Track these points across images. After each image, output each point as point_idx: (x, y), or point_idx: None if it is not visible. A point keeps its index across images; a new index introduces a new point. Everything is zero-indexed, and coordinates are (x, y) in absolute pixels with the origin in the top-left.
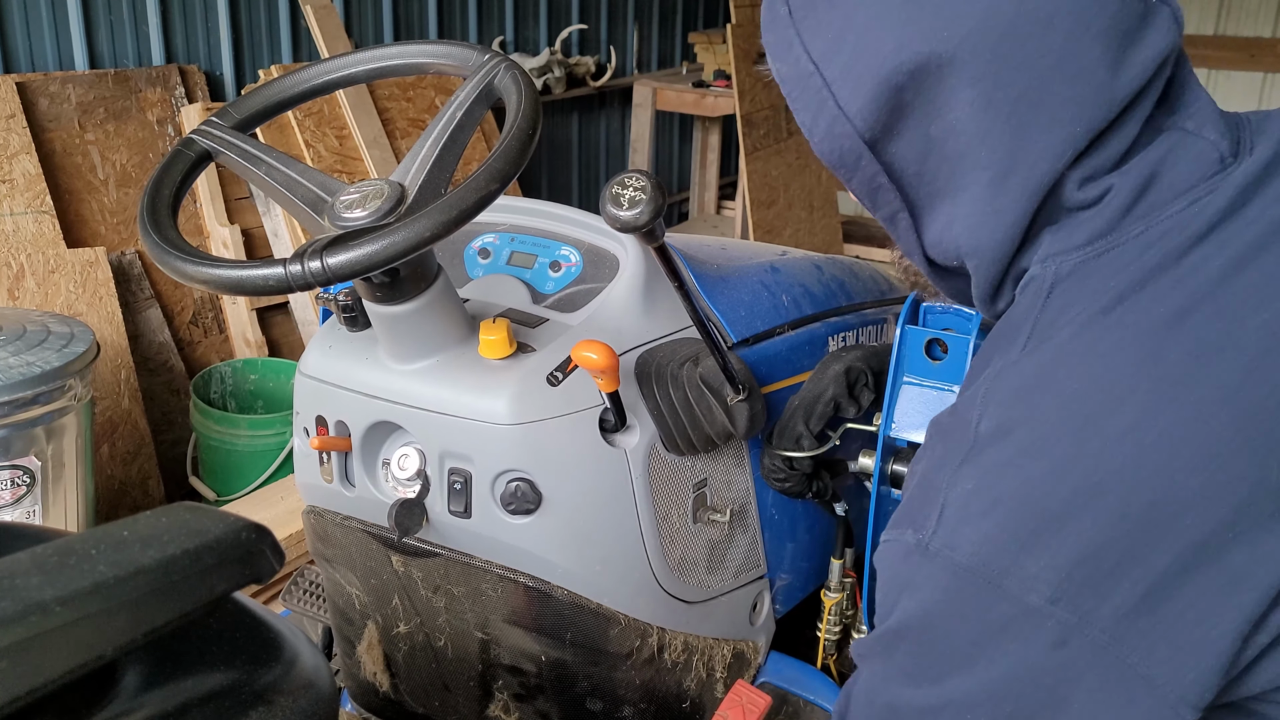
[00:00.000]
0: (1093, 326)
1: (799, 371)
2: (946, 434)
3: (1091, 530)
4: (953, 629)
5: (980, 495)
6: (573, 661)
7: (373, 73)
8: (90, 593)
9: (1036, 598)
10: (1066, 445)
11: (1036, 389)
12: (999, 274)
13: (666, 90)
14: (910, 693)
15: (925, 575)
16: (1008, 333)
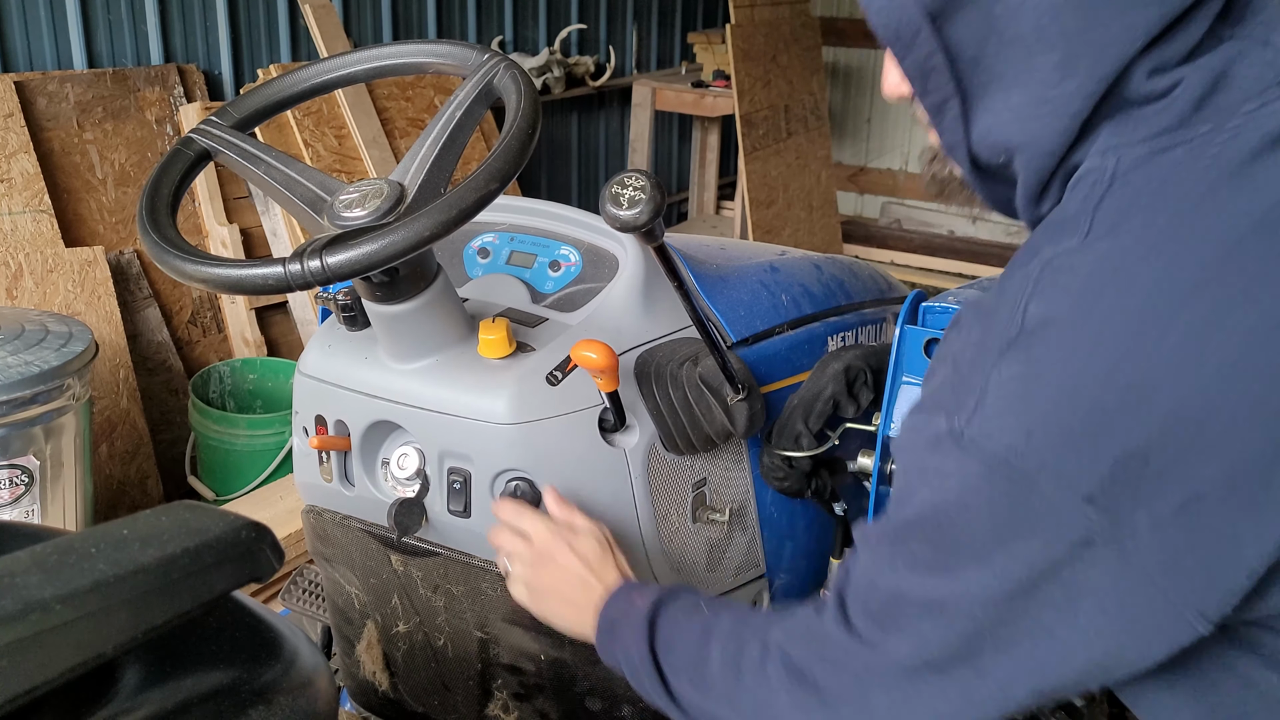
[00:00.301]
0: (1166, 220)
1: (798, 371)
2: (988, 317)
3: (1141, 432)
4: (975, 522)
5: (1026, 384)
6: (572, 661)
7: (372, 72)
8: (90, 591)
9: (1071, 496)
10: (1127, 339)
11: (1098, 278)
12: (1050, 170)
13: (666, 90)
14: (919, 581)
15: (954, 464)
16: (1058, 225)
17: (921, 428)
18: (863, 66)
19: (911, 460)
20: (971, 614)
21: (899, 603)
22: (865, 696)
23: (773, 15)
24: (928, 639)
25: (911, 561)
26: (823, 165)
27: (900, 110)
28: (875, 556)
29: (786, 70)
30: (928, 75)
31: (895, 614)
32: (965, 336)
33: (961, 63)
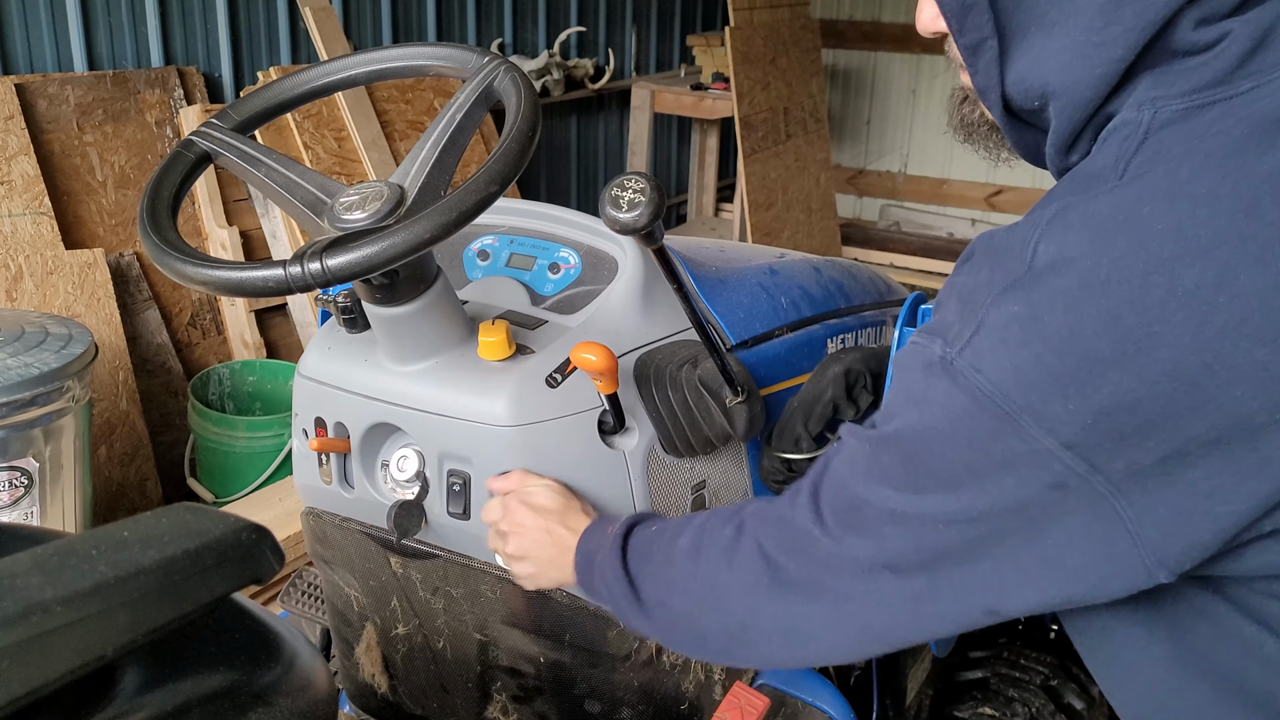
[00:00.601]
0: (1188, 169)
1: (798, 373)
2: (997, 253)
3: (1133, 383)
4: (951, 452)
5: (1023, 323)
6: (571, 663)
7: (372, 74)
8: (91, 593)
9: (1051, 441)
10: (1132, 287)
11: (1112, 223)
12: (1085, 119)
13: (665, 93)
14: (885, 493)
15: (940, 391)
16: (1084, 178)
17: (920, 349)
18: (862, 69)
19: (903, 379)
20: (936, 532)
21: (864, 508)
22: (822, 585)
23: (772, 18)
24: (889, 543)
25: (883, 475)
26: (822, 168)
27: (899, 113)
28: (852, 459)
29: (785, 73)
30: (966, 13)
31: (863, 517)
32: (974, 270)
33: (1002, 1)
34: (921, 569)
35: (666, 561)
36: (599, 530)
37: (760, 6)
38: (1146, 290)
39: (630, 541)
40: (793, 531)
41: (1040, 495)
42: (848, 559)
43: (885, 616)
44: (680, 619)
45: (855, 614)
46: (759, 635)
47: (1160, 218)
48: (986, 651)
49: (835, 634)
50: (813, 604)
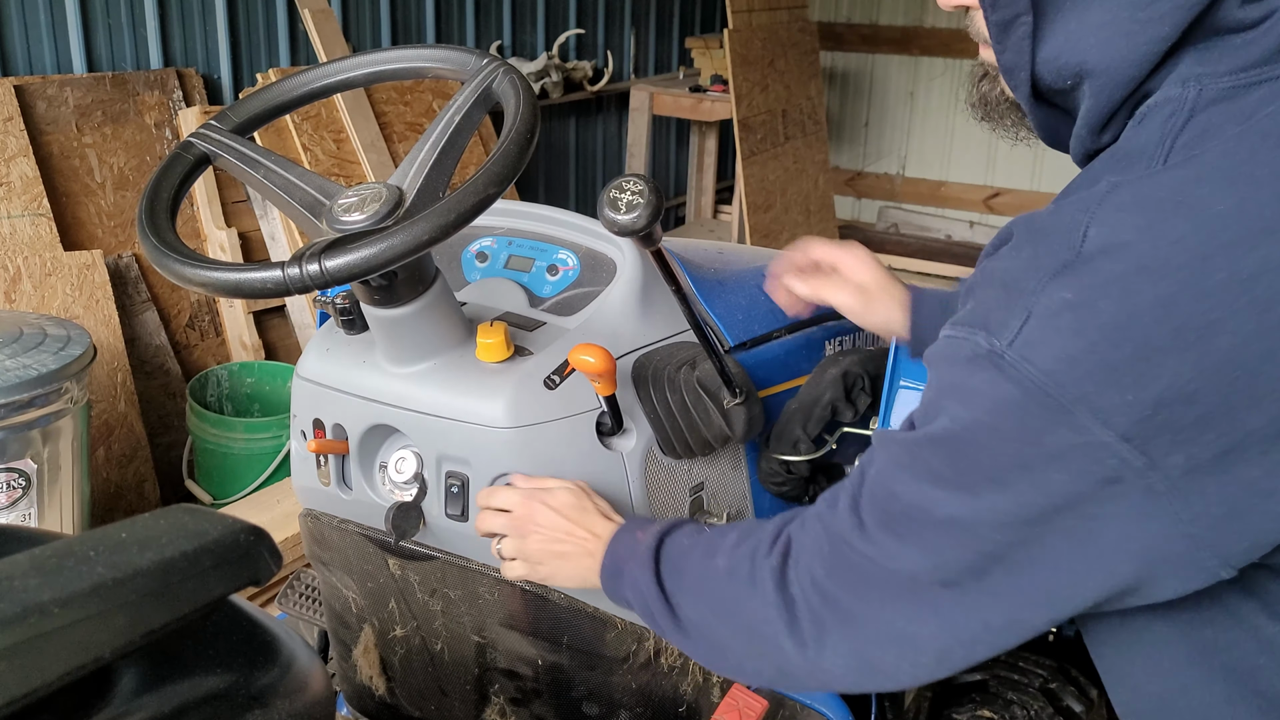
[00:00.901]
0: (1249, 151)
1: (796, 375)
2: (1042, 236)
3: (1191, 373)
4: (1002, 446)
5: (1076, 310)
6: (569, 665)
7: (371, 77)
8: (89, 595)
9: (1107, 433)
10: (1191, 272)
11: (1169, 205)
12: (1122, 98)
13: (663, 95)
14: (936, 495)
15: (989, 384)
16: (1127, 155)
17: (960, 343)
18: (860, 71)
19: (945, 375)
20: (988, 536)
21: (916, 514)
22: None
23: (770, 20)
24: (943, 553)
25: (932, 476)
26: (820, 170)
27: (897, 115)
28: (895, 464)
29: (784, 75)
30: None
31: (912, 525)
32: (1014, 255)
33: None
34: (975, 578)
35: (704, 583)
36: (628, 536)
37: (759, 9)
38: (1206, 275)
39: (663, 554)
40: (837, 549)
41: (1094, 491)
42: (900, 574)
43: (946, 636)
44: (725, 649)
45: (915, 637)
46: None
47: (1220, 199)
48: None
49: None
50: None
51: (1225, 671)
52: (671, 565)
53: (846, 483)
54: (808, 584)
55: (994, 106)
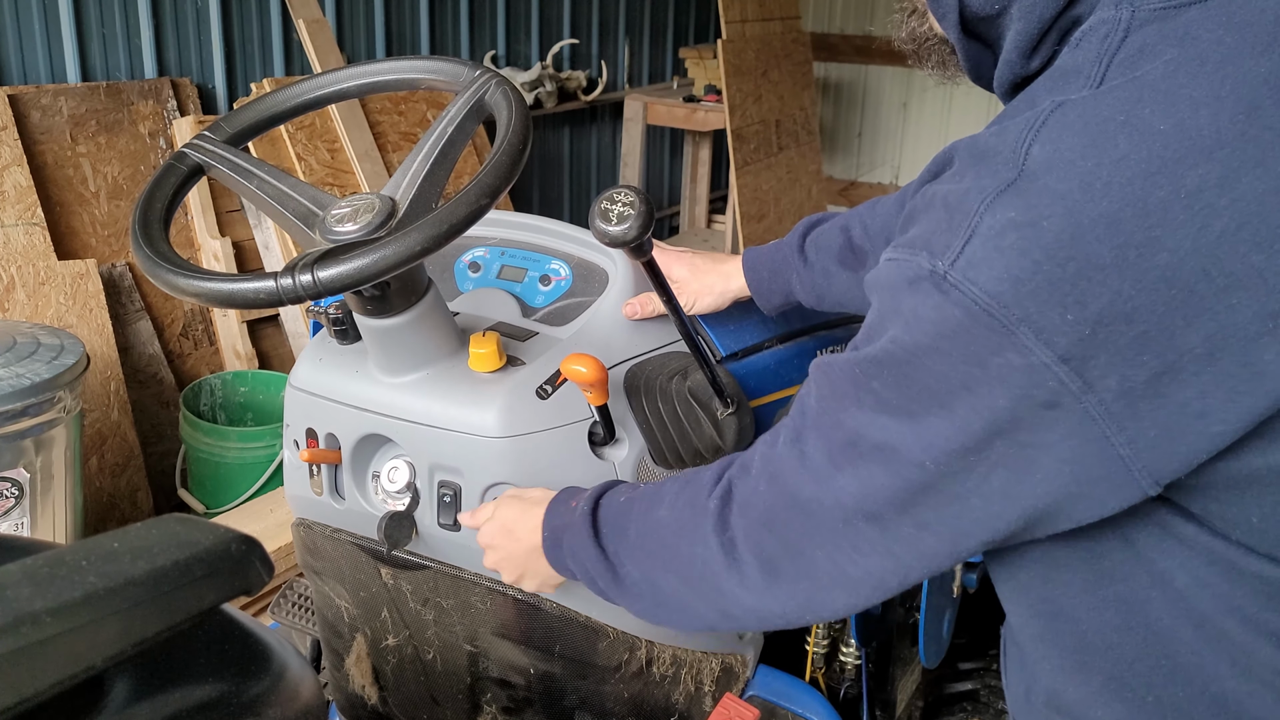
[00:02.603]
0: (1188, 71)
1: (787, 385)
2: (984, 157)
3: (1131, 290)
4: (945, 367)
5: (1020, 230)
6: (561, 674)
7: (365, 88)
8: (81, 604)
9: (1048, 354)
10: (1135, 189)
11: (1114, 124)
12: (1051, 18)
13: (657, 105)
14: (879, 421)
15: (931, 305)
16: (1064, 75)
17: (902, 265)
18: (854, 81)
19: (886, 298)
20: (922, 464)
21: (859, 442)
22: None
23: (764, 31)
24: (882, 483)
25: (875, 400)
26: (814, 179)
27: (890, 125)
28: (835, 393)
29: (777, 85)
30: None
31: (851, 453)
32: (958, 178)
33: None
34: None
35: (646, 536)
36: (562, 504)
37: (752, 19)
38: (1149, 192)
39: (600, 514)
40: (778, 492)
41: (1032, 417)
42: (840, 509)
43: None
44: (668, 598)
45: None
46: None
47: (1161, 119)
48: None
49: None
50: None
51: (1117, 601)
52: (610, 525)
53: (786, 419)
54: (748, 525)
55: (923, 44)
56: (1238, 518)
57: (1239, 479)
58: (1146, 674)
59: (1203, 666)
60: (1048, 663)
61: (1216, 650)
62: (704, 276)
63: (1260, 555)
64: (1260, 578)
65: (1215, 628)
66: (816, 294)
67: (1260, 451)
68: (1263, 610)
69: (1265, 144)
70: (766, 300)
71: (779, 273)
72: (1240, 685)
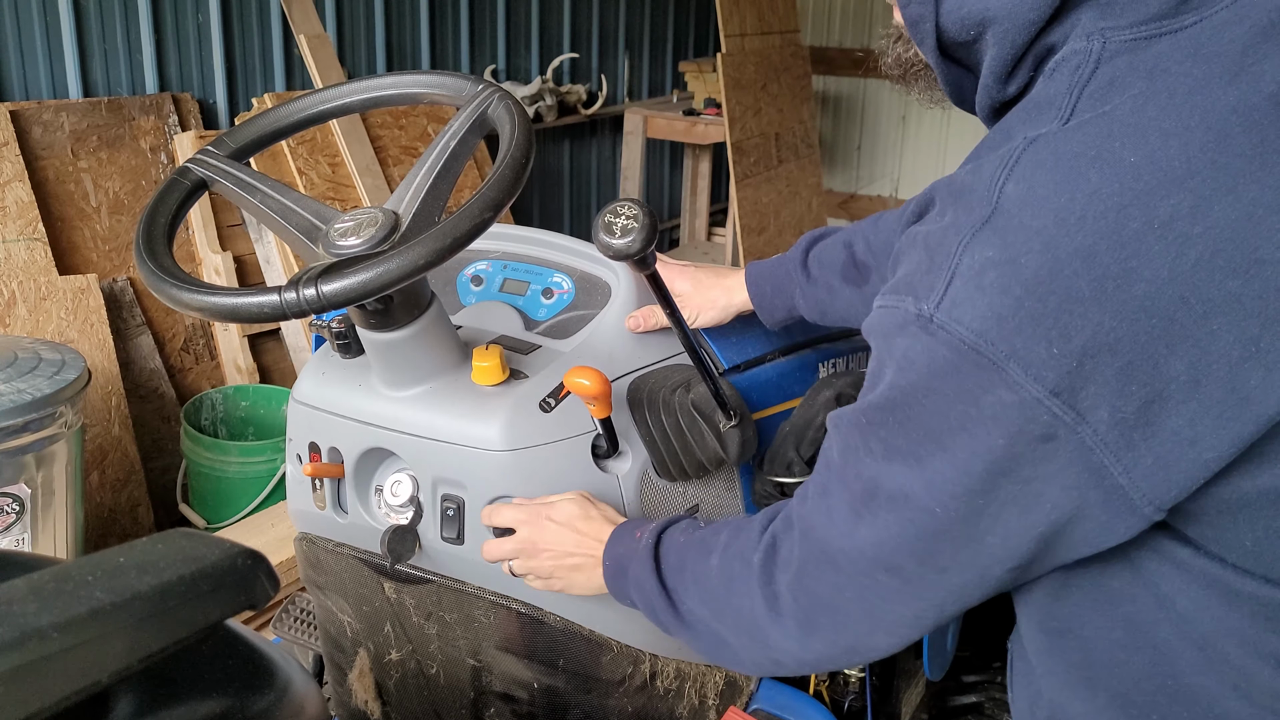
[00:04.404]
0: (1156, 105)
1: (790, 398)
2: (960, 196)
3: (1112, 322)
4: (942, 407)
5: (999, 267)
6: (565, 689)
7: (368, 102)
8: (87, 619)
9: (1038, 388)
10: (1108, 221)
11: (1085, 158)
12: (1024, 45)
13: (657, 118)
14: (891, 469)
15: (922, 348)
16: (1036, 107)
17: (891, 312)
18: (853, 95)
19: (880, 344)
20: (932, 510)
21: (874, 491)
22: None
23: (763, 44)
24: (890, 532)
25: (883, 447)
26: (813, 192)
27: (889, 138)
28: (848, 446)
29: (777, 98)
30: None
31: (871, 504)
32: (938, 218)
33: None
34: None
35: (700, 581)
36: (627, 535)
37: (751, 33)
38: (1122, 224)
39: (662, 550)
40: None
41: (1031, 451)
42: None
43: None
44: (723, 641)
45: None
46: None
47: (1131, 151)
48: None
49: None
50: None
51: (1125, 621)
52: (671, 563)
53: (815, 474)
54: (789, 580)
55: (909, 69)
56: (1232, 541)
57: (1231, 503)
58: (1151, 693)
59: (1206, 688)
60: (1054, 677)
61: (1219, 672)
62: (707, 290)
63: (1256, 577)
64: (1257, 600)
65: (1216, 650)
66: (819, 309)
67: (1250, 475)
68: (1261, 632)
69: (1235, 171)
70: (769, 315)
71: (782, 287)
72: (1242, 708)
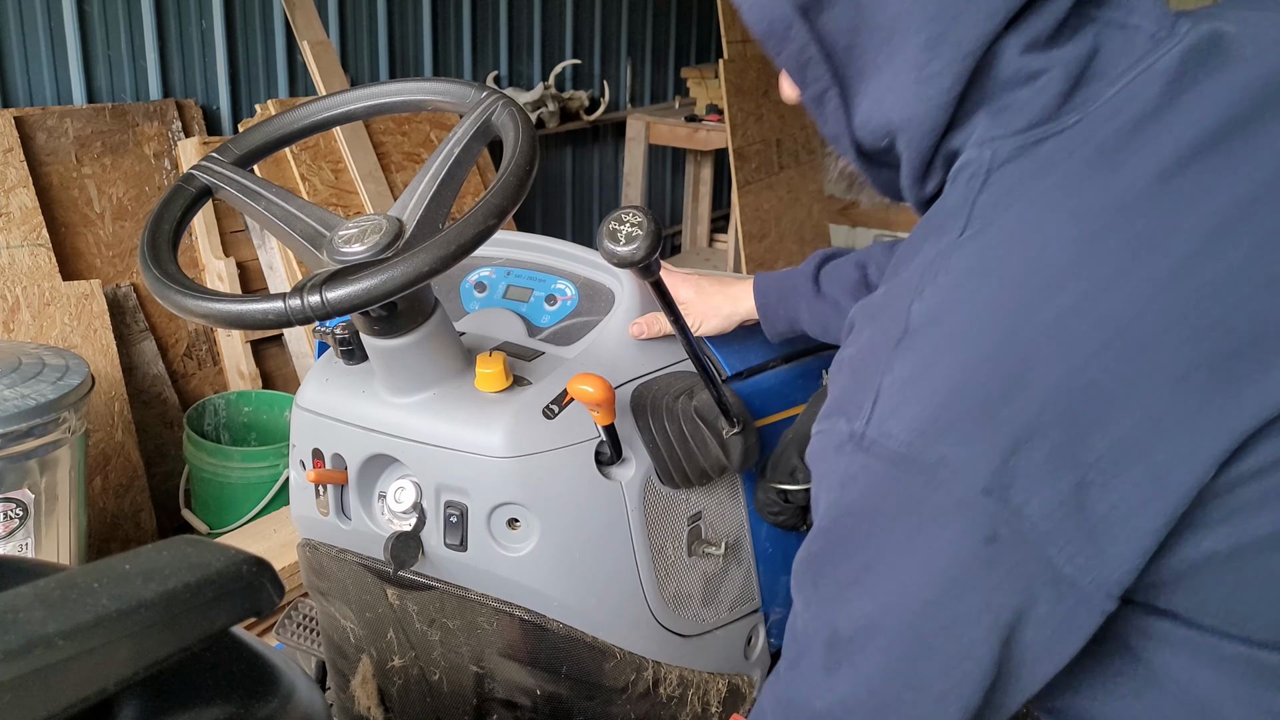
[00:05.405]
0: (1036, 211)
1: (793, 405)
2: (877, 318)
3: (1025, 417)
4: (886, 522)
5: (915, 381)
6: (568, 695)
7: (372, 109)
8: (93, 627)
9: (969, 489)
10: (1004, 328)
11: (976, 272)
12: (930, 150)
13: (659, 124)
14: (850, 608)
15: (860, 465)
16: (940, 219)
17: (827, 435)
18: None
19: (820, 468)
20: (898, 632)
21: (835, 638)
22: None
23: None
24: (866, 671)
25: (836, 584)
26: (814, 199)
27: None
28: (806, 596)
29: (778, 105)
30: (805, 67)
31: (836, 651)
32: (859, 341)
33: (836, 52)
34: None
35: None
36: None
37: (754, 40)
38: (1017, 329)
39: None
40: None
41: (978, 553)
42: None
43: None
44: None
45: None
46: None
47: (1015, 259)
48: None
49: None
50: None
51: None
52: None
53: (783, 653)
54: None
55: (853, 180)
56: (1201, 606)
57: (1183, 572)
58: None
59: None
60: None
61: None
62: (711, 299)
63: (1235, 639)
64: (1243, 660)
65: (1218, 713)
66: (822, 325)
67: (1193, 543)
68: (1255, 690)
69: (1115, 266)
70: (772, 325)
71: (788, 299)
72: None
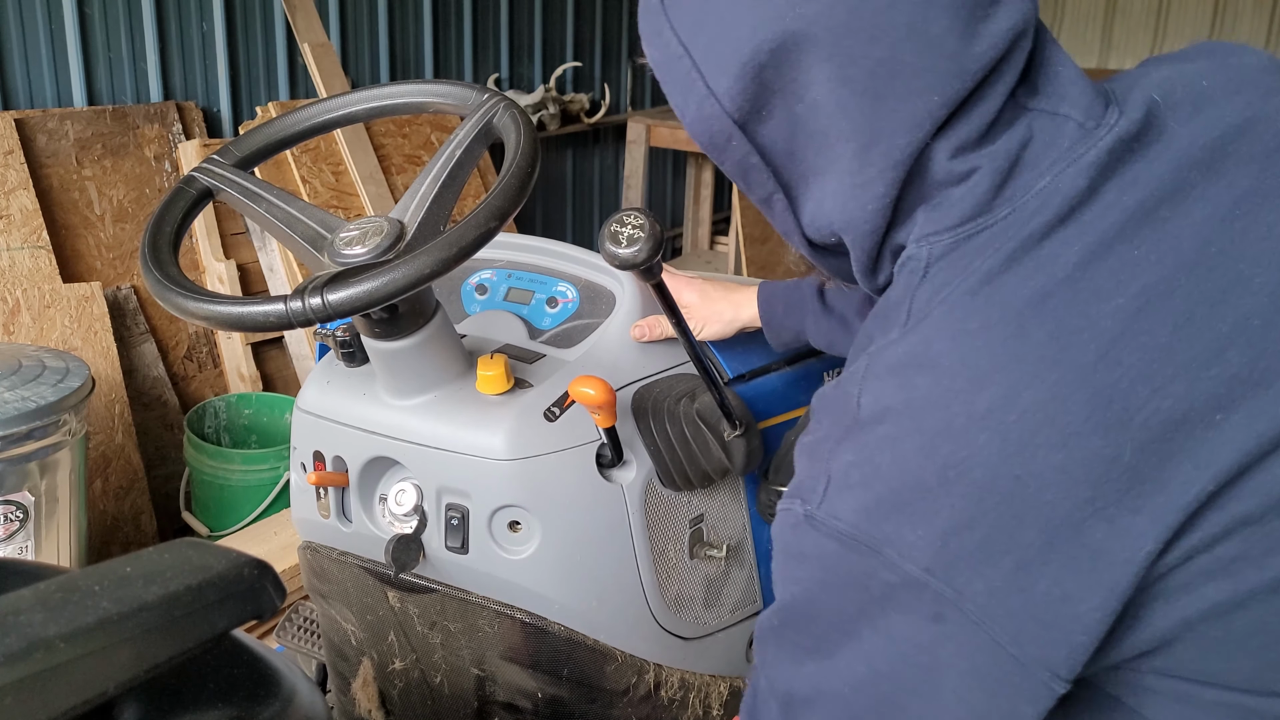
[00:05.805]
0: (963, 306)
1: (795, 407)
2: (829, 409)
3: (961, 504)
4: (838, 599)
5: (861, 469)
6: (569, 698)
7: (373, 111)
8: (94, 629)
9: (914, 568)
10: (938, 420)
11: (911, 367)
12: (874, 248)
13: (660, 127)
14: (804, 671)
15: (812, 544)
16: (887, 312)
17: (786, 514)
18: None
19: (780, 546)
20: (849, 702)
21: (790, 699)
22: None
23: None
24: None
25: (793, 650)
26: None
27: None
28: (767, 659)
29: None
30: (748, 174)
31: (790, 713)
32: (816, 428)
33: (777, 159)
34: None
35: None
36: None
37: None
38: (950, 420)
39: None
40: None
41: (924, 632)
42: None
43: None
44: None
45: None
46: None
47: (947, 354)
48: None
49: None
50: None
51: None
52: None
53: (747, 696)
54: None
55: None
56: (1179, 663)
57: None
58: None
59: None
60: None
61: None
62: (714, 304)
63: (1218, 687)
64: (1231, 706)
65: None
66: (828, 339)
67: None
68: None
69: (1035, 359)
70: (776, 335)
71: (793, 311)
72: None
